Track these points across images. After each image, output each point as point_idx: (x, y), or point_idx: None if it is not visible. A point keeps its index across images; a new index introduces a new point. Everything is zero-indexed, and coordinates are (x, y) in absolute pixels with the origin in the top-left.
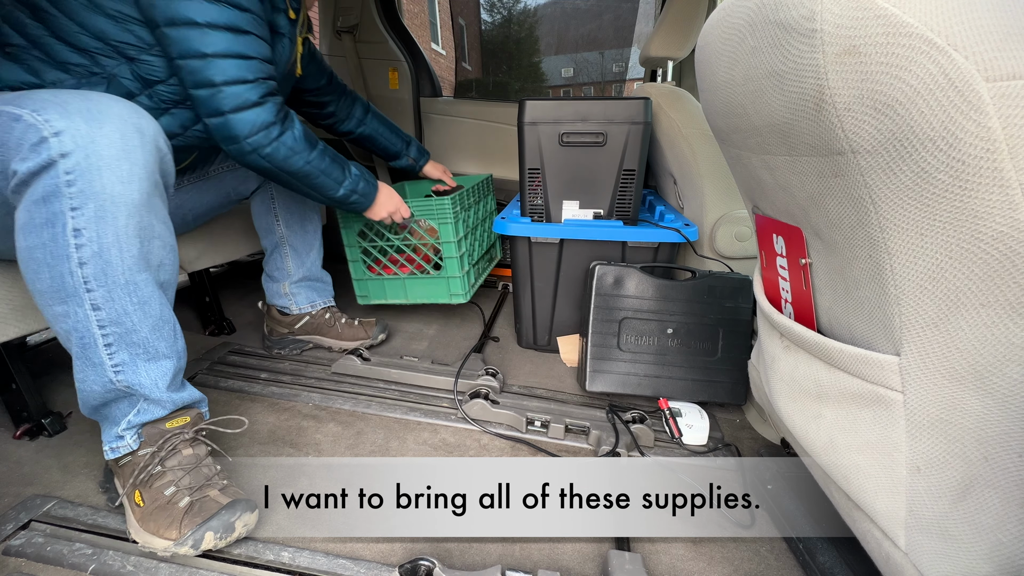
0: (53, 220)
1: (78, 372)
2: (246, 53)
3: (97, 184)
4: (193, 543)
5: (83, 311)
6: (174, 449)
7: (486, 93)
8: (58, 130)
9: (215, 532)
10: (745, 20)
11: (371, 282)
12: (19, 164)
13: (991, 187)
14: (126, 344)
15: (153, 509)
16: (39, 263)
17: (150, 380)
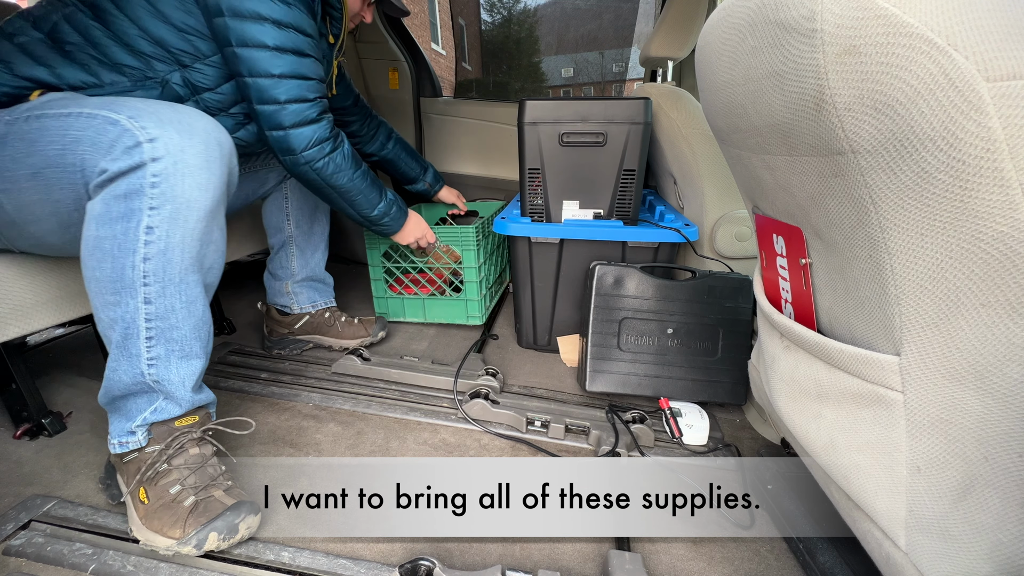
0: (129, 216)
1: (112, 361)
2: (307, 75)
3: (178, 189)
4: (196, 543)
5: (135, 303)
6: (181, 448)
7: (486, 93)
8: (153, 137)
9: (219, 533)
10: (745, 20)
11: (391, 300)
12: (110, 163)
13: (991, 187)
14: (166, 340)
15: (158, 507)
16: (104, 253)
17: (179, 378)
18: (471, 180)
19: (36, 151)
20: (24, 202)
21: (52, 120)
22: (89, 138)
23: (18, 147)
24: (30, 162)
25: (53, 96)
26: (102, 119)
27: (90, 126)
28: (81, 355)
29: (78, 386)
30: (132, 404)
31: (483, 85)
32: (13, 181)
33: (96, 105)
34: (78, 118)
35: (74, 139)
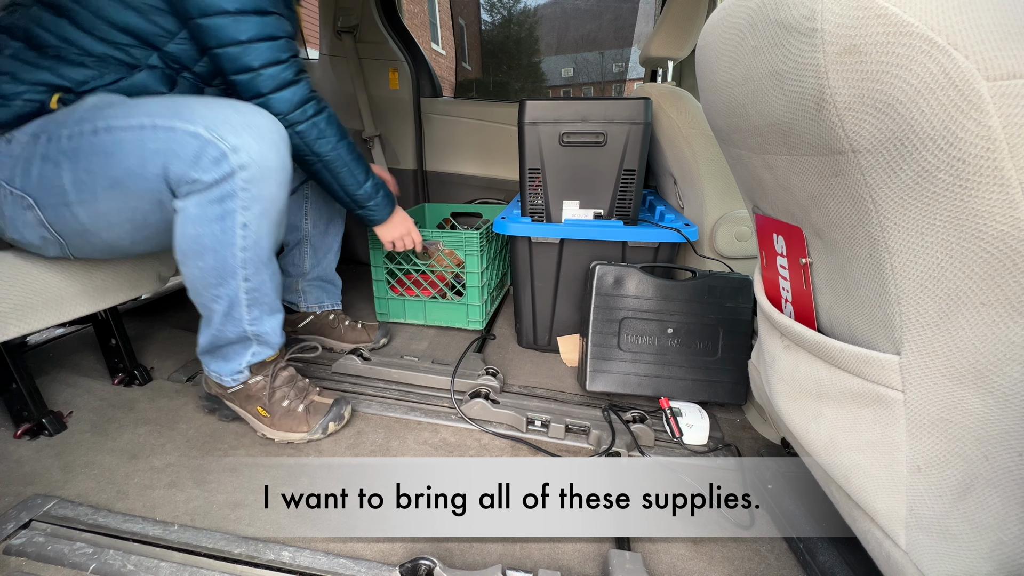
0: (224, 216)
1: (218, 324)
2: (275, 34)
3: (264, 190)
4: (322, 431)
5: (236, 283)
6: (275, 374)
7: (486, 93)
8: (234, 146)
9: (335, 422)
10: (745, 20)
11: (392, 301)
12: (201, 174)
13: (991, 186)
14: (259, 304)
15: (279, 416)
16: (205, 247)
17: (271, 328)
18: (471, 180)
19: (115, 163)
20: (101, 211)
21: (125, 133)
22: (172, 151)
23: (94, 161)
24: (109, 174)
25: (100, 103)
26: (181, 132)
27: (171, 139)
28: (81, 355)
29: (78, 386)
30: (233, 351)
31: (483, 85)
32: (91, 192)
33: (165, 115)
34: (154, 131)
35: (154, 151)
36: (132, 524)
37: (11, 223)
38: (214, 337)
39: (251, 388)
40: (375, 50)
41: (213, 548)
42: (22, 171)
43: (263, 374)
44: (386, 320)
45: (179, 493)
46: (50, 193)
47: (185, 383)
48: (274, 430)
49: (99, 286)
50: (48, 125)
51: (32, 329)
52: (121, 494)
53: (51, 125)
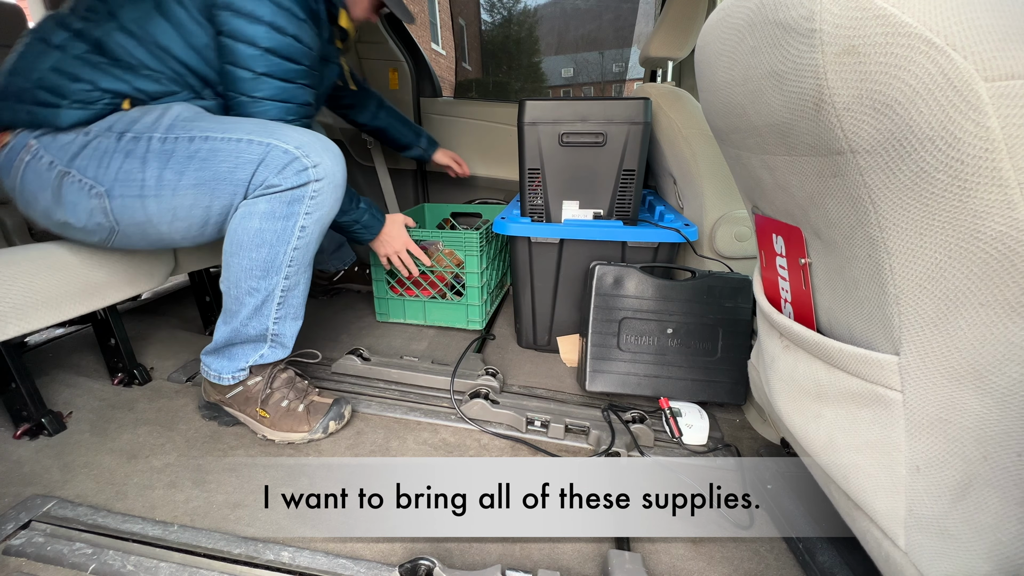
0: (289, 216)
1: (244, 319)
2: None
3: (327, 201)
4: (322, 430)
5: (278, 279)
6: (274, 376)
7: (486, 93)
8: (316, 163)
9: (335, 421)
10: (745, 20)
11: (392, 301)
12: (282, 180)
13: (990, 186)
14: (288, 305)
15: (279, 416)
16: (263, 241)
17: (290, 333)
18: (471, 180)
19: (207, 167)
20: (173, 205)
21: (223, 144)
22: (264, 162)
23: (186, 163)
24: (199, 176)
25: (189, 114)
26: (276, 147)
27: (267, 153)
28: (81, 355)
29: (78, 386)
30: (242, 350)
31: (483, 85)
32: (172, 189)
33: (262, 134)
34: (250, 144)
35: (248, 160)
36: (131, 524)
37: (69, 207)
38: (235, 332)
39: (250, 390)
40: (375, 50)
41: (213, 548)
42: (97, 163)
43: (261, 375)
44: (385, 320)
45: (179, 493)
46: (127, 186)
47: (185, 383)
48: (274, 431)
49: (97, 285)
50: (132, 125)
51: (31, 328)
52: (120, 494)
53: (137, 126)
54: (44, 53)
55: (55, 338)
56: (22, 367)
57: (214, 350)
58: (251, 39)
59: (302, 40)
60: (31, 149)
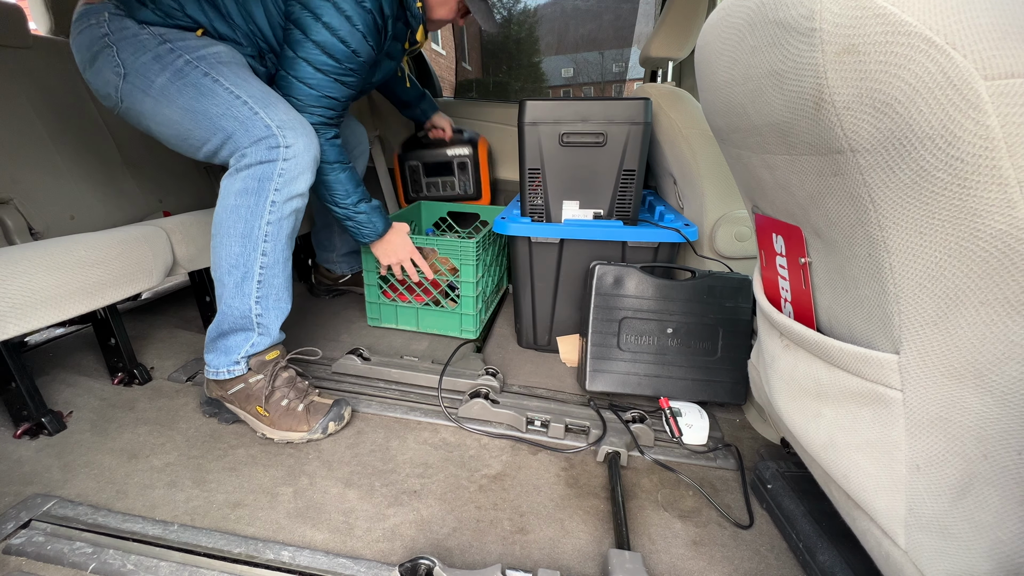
0: (259, 192)
1: (228, 299)
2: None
3: (294, 183)
4: (321, 430)
5: (255, 254)
6: (275, 375)
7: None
8: (289, 144)
9: (335, 422)
10: (745, 19)
11: (384, 306)
12: (253, 152)
13: (990, 185)
14: (268, 286)
15: (279, 415)
16: (240, 216)
17: (274, 316)
18: None
19: (200, 101)
20: (164, 112)
21: (223, 93)
22: (245, 126)
23: (187, 89)
24: (190, 103)
25: (224, 55)
26: (260, 120)
27: (250, 119)
28: (81, 355)
29: (78, 385)
30: (233, 341)
31: (483, 85)
32: (166, 100)
33: (258, 97)
34: (243, 105)
35: (234, 117)
36: (132, 524)
37: (95, 71)
38: (221, 317)
39: (251, 387)
40: None
41: (213, 548)
42: (132, 51)
43: (263, 373)
44: (377, 325)
45: (179, 493)
46: (140, 78)
47: (185, 383)
48: (274, 429)
49: (97, 285)
50: (179, 41)
51: (31, 328)
52: (121, 494)
53: (181, 43)
54: None
55: (55, 338)
56: (22, 367)
57: (210, 344)
58: (304, 27)
59: (350, 44)
60: (101, 19)
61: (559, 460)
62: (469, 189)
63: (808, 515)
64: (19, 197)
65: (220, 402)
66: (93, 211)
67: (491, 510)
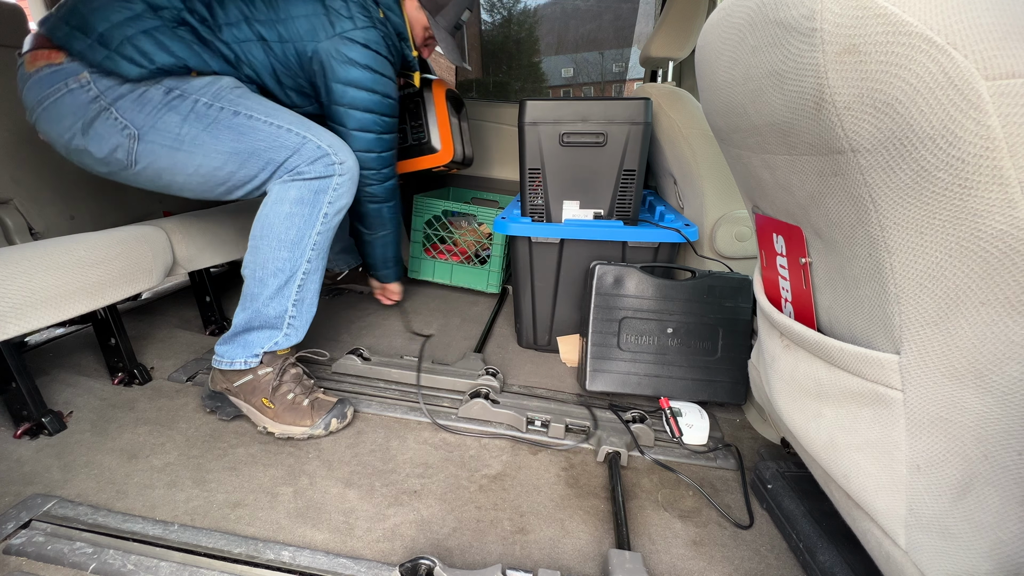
0: (315, 203)
1: (266, 300)
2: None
3: (345, 194)
4: (324, 427)
5: (301, 260)
6: (284, 369)
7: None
8: (342, 160)
9: (337, 419)
10: (745, 19)
11: (424, 261)
12: (310, 169)
13: (990, 185)
14: (306, 289)
15: (283, 409)
16: (293, 223)
17: (305, 318)
18: (471, 180)
19: (243, 141)
20: (200, 163)
21: (264, 125)
22: (300, 151)
23: (224, 133)
24: (235, 145)
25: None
26: (311, 142)
27: (302, 144)
28: (81, 355)
29: (78, 385)
30: (255, 337)
31: (483, 85)
32: (203, 149)
33: (301, 127)
34: (290, 134)
35: (285, 146)
36: (132, 524)
37: (95, 138)
38: (255, 314)
39: (259, 380)
40: None
41: (213, 548)
42: (139, 108)
43: (273, 366)
44: (416, 276)
45: (179, 492)
46: (162, 135)
47: (185, 383)
48: (276, 422)
49: (97, 285)
50: (182, 85)
51: (31, 328)
52: (121, 494)
53: (186, 87)
54: (142, 16)
55: (55, 338)
56: (22, 367)
57: (231, 337)
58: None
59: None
60: (81, 80)
61: (559, 460)
62: (423, 137)
63: (808, 515)
64: (19, 197)
65: (223, 395)
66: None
67: (491, 510)
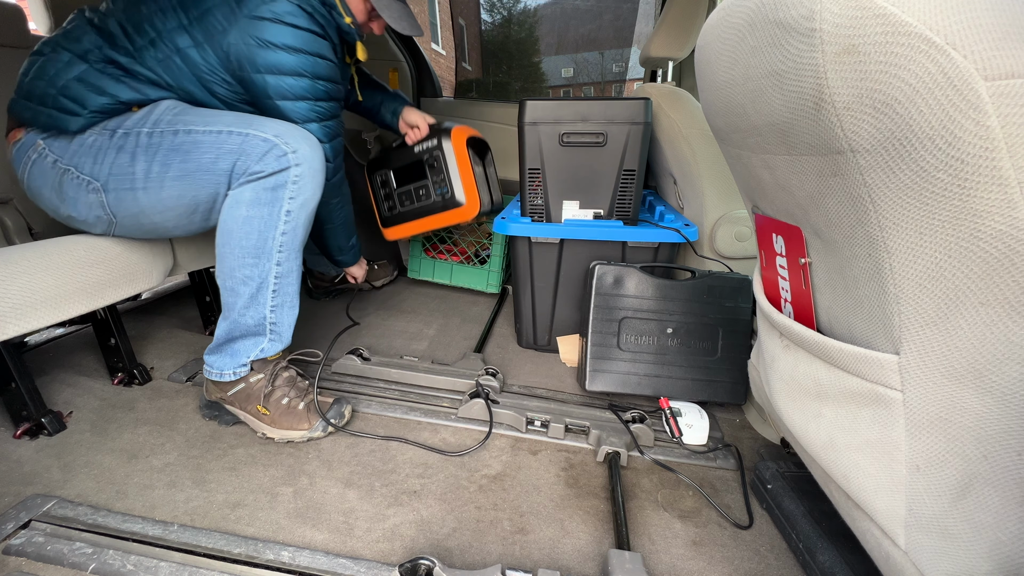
0: (274, 202)
1: (241, 309)
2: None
3: (308, 186)
4: (322, 428)
5: (270, 265)
6: (276, 374)
7: (486, 93)
8: (295, 149)
9: (335, 419)
10: (745, 20)
11: (424, 261)
12: (263, 166)
13: (990, 186)
14: (283, 293)
15: (280, 414)
16: (253, 228)
17: (287, 322)
18: None
19: (190, 159)
20: (162, 197)
21: (204, 136)
22: (245, 151)
23: (170, 156)
24: (183, 167)
25: (175, 108)
26: (254, 137)
27: (245, 142)
28: (81, 355)
29: (78, 386)
30: (241, 345)
31: (483, 85)
32: (159, 181)
33: (241, 125)
34: (230, 135)
35: (229, 151)
36: (132, 524)
37: (71, 202)
38: (233, 324)
39: (252, 387)
40: (375, 50)
41: (213, 548)
42: (93, 159)
43: (264, 372)
44: (416, 276)
45: (179, 493)
46: (119, 180)
47: (185, 383)
48: (274, 428)
49: (97, 285)
50: (124, 122)
51: (31, 328)
52: (121, 494)
53: (128, 123)
54: (71, 64)
55: (55, 338)
56: (22, 367)
57: (216, 348)
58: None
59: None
60: (38, 148)
61: (559, 460)
62: (447, 192)
63: (808, 515)
64: (19, 197)
65: (220, 405)
66: None
67: (491, 510)
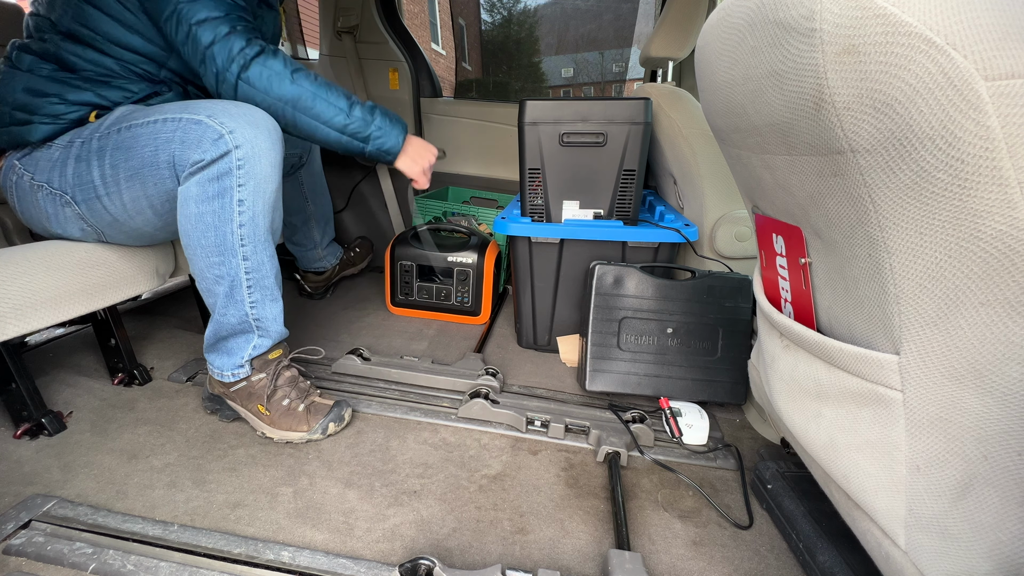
0: (223, 193)
1: (220, 309)
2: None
3: (257, 168)
4: (321, 431)
5: (236, 261)
6: (278, 373)
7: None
8: (231, 129)
9: (335, 422)
10: (745, 20)
11: None
12: (202, 154)
13: (990, 186)
14: (259, 287)
15: (279, 415)
16: (207, 225)
17: (271, 315)
18: (472, 180)
19: (133, 156)
20: (125, 201)
21: (141, 128)
22: (179, 138)
23: (116, 156)
24: (128, 165)
25: (126, 109)
26: (186, 120)
27: (178, 128)
28: (81, 355)
29: (78, 386)
30: (235, 344)
31: (483, 85)
32: (115, 184)
33: (175, 110)
34: (165, 123)
35: (166, 140)
36: (132, 524)
37: (54, 219)
38: (218, 326)
39: (254, 385)
40: (375, 50)
41: (213, 548)
42: (59, 172)
43: (266, 372)
44: None
45: (179, 493)
46: (84, 189)
47: (185, 383)
48: (274, 428)
49: (97, 285)
50: (82, 131)
51: (31, 329)
52: (121, 494)
53: (85, 131)
54: (15, 77)
55: (55, 338)
56: (22, 367)
57: (211, 346)
58: None
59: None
60: (16, 169)
61: (559, 460)
62: (467, 302)
63: (808, 515)
64: None
65: (221, 398)
66: None
67: (491, 510)
